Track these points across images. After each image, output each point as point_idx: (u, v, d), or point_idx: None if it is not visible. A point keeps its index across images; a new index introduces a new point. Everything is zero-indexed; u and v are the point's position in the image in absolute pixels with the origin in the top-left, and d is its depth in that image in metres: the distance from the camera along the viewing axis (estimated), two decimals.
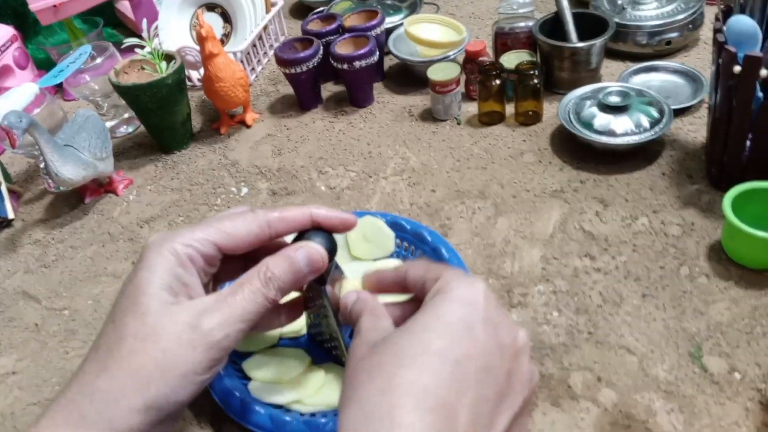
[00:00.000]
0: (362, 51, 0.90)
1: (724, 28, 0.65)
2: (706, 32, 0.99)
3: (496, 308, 0.38)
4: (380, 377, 0.34)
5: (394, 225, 0.67)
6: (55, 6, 0.99)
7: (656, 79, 0.90)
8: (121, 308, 0.41)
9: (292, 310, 0.52)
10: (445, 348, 0.35)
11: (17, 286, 0.76)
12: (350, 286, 0.51)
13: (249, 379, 0.56)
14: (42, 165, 0.89)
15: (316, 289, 0.51)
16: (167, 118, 0.90)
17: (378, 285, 0.47)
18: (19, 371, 0.66)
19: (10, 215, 0.86)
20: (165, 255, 0.42)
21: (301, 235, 0.49)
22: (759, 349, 0.55)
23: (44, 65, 1.18)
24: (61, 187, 0.88)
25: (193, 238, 0.43)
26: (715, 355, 0.55)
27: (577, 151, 0.80)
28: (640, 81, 0.90)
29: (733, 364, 0.54)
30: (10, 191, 0.89)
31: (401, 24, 1.03)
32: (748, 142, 0.67)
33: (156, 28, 0.99)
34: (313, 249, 0.46)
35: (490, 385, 0.34)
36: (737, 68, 0.62)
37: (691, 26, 0.94)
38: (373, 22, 0.97)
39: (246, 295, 0.42)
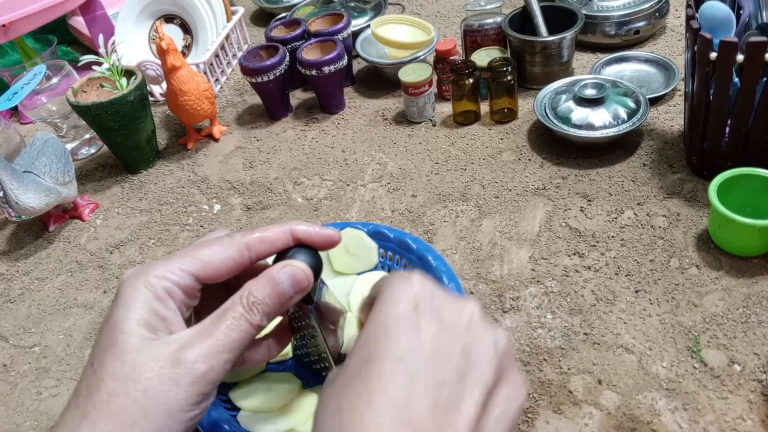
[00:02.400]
0: (330, 56, 0.88)
1: (697, 14, 0.65)
2: (672, 20, 0.99)
3: (434, 293, 0.38)
4: (328, 406, 0.35)
5: (377, 234, 0.65)
6: (4, 26, 0.94)
7: (628, 69, 0.89)
8: (99, 350, 0.38)
9: (279, 337, 0.49)
10: (385, 350, 0.35)
11: None
12: (351, 320, 0.48)
13: (237, 409, 0.53)
14: (0, 194, 0.85)
15: (302, 309, 0.48)
16: (131, 136, 0.87)
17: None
18: None
19: None
20: (140, 290, 0.39)
21: (283, 253, 0.46)
22: (756, 339, 0.54)
23: None
24: (22, 216, 0.84)
25: (168, 269, 0.41)
26: (713, 347, 0.54)
27: (555, 146, 0.79)
28: (612, 72, 0.89)
29: (732, 356, 0.53)
30: None
31: (368, 26, 1.01)
32: (727, 129, 0.66)
33: (113, 43, 0.95)
34: (297, 268, 0.43)
35: (444, 368, 0.34)
36: (713, 55, 0.61)
37: (657, 14, 0.94)
38: (339, 26, 0.94)
39: (229, 323, 0.40)
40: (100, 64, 0.86)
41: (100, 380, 0.37)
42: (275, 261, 0.46)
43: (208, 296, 0.44)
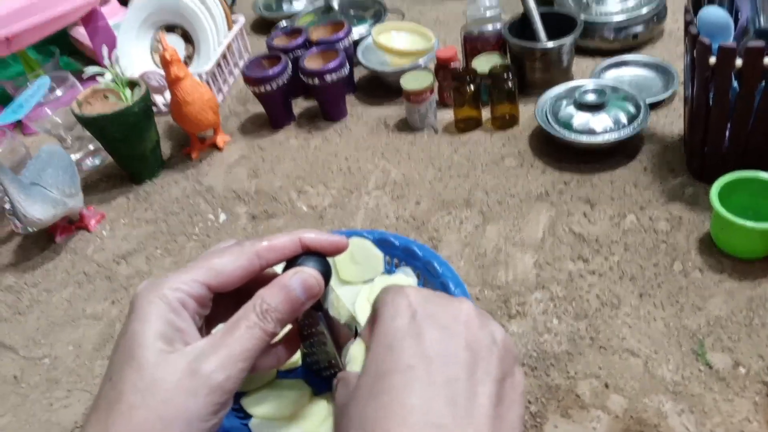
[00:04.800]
0: (332, 64, 0.89)
1: (696, 19, 0.65)
2: (670, 24, 1.00)
3: (427, 300, 0.39)
4: (348, 417, 0.36)
5: (383, 242, 0.66)
6: (7, 38, 0.95)
7: (627, 74, 0.90)
8: (117, 364, 0.39)
9: (289, 344, 0.50)
10: (392, 364, 0.36)
11: None
12: (358, 349, 0.48)
13: (249, 417, 0.54)
14: (7, 206, 0.85)
15: (312, 315, 0.49)
16: (136, 147, 0.87)
17: None
18: (0, 428, 0.62)
19: None
20: (155, 303, 0.40)
21: (292, 262, 0.47)
22: (760, 341, 0.55)
23: None
24: (29, 228, 0.84)
25: (181, 281, 0.41)
26: (718, 350, 0.55)
27: (557, 152, 0.80)
28: (611, 76, 0.90)
29: (737, 359, 0.54)
30: None
31: (368, 34, 1.02)
32: (727, 133, 0.67)
33: (116, 55, 0.95)
34: (308, 274, 0.44)
35: (452, 366, 0.36)
36: (712, 60, 0.62)
37: (655, 19, 0.95)
38: (340, 34, 0.95)
39: (243, 332, 0.41)
40: (104, 75, 0.87)
41: (120, 394, 0.38)
42: (285, 269, 0.46)
43: (217, 305, 0.45)
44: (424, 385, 0.35)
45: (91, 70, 0.86)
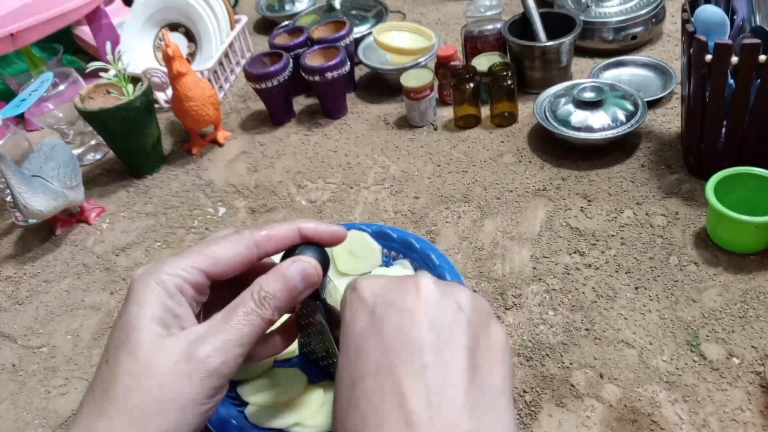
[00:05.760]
0: (333, 62, 0.89)
1: (692, 18, 0.66)
2: (668, 25, 1.01)
3: (385, 290, 0.39)
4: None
5: (381, 235, 0.66)
6: (12, 35, 0.96)
7: (626, 74, 0.91)
8: (113, 346, 0.39)
9: (286, 333, 0.50)
10: (361, 369, 0.36)
11: None
12: None
13: (245, 404, 0.54)
14: (9, 198, 0.86)
15: (310, 305, 0.49)
16: (137, 141, 0.88)
17: None
18: None
19: None
20: (153, 287, 0.40)
21: (290, 251, 0.47)
22: (753, 332, 0.55)
23: (3, 96, 1.14)
24: (30, 220, 0.85)
25: (179, 267, 0.41)
26: (712, 341, 0.55)
27: (555, 148, 0.81)
28: (610, 76, 0.91)
29: (731, 349, 0.54)
30: None
31: (370, 33, 1.03)
32: (723, 129, 0.68)
33: (119, 51, 0.96)
34: (306, 263, 0.45)
35: (420, 353, 0.35)
36: (708, 57, 0.63)
37: (654, 20, 0.96)
38: (342, 33, 0.96)
39: (240, 318, 0.41)
40: (107, 71, 0.87)
41: (115, 376, 0.38)
42: (283, 258, 0.47)
43: (215, 293, 0.45)
44: (395, 384, 0.34)
45: (94, 65, 0.87)
